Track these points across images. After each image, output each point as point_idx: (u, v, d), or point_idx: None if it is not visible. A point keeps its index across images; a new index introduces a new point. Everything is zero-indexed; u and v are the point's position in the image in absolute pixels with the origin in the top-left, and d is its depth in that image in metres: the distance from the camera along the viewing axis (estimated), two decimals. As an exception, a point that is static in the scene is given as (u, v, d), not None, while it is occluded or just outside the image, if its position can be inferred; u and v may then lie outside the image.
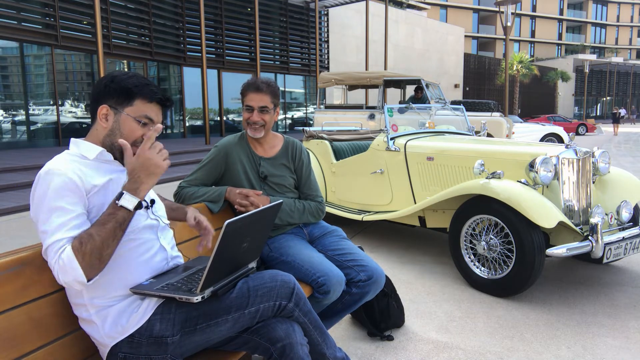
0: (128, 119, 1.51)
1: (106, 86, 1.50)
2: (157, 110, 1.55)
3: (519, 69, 32.77)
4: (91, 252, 1.28)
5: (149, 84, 1.53)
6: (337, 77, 9.66)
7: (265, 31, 17.63)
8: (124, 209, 1.35)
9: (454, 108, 5.05)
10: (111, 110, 1.50)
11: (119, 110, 1.50)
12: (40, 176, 1.37)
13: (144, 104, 1.52)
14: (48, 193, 1.34)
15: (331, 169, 4.70)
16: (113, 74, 1.53)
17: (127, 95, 1.50)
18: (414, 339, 2.55)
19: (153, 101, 1.53)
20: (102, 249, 1.30)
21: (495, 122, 10.05)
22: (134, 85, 1.50)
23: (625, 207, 3.27)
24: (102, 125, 1.51)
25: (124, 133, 1.51)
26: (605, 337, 2.56)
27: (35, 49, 11.51)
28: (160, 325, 1.44)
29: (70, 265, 1.27)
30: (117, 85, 1.50)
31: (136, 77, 1.53)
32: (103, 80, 1.53)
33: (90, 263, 1.29)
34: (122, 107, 1.50)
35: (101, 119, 1.51)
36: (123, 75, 1.52)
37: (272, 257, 2.18)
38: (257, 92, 2.22)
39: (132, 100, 1.50)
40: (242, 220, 1.46)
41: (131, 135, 1.51)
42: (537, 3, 53.43)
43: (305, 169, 2.41)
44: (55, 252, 1.29)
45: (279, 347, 1.52)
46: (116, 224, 1.34)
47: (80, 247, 1.28)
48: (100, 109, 1.50)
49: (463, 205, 3.28)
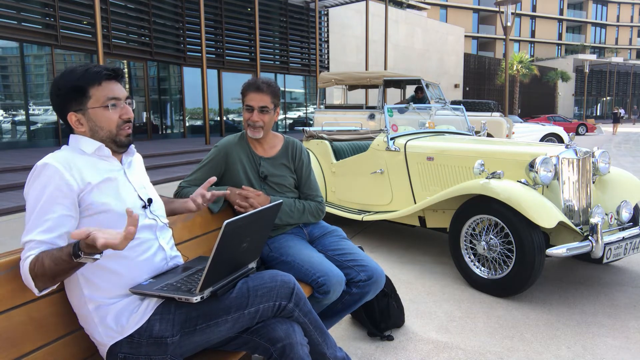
0: (96, 111, 1.49)
1: (58, 96, 1.47)
2: (112, 86, 1.51)
3: (519, 69, 32.77)
4: (42, 275, 1.28)
5: (88, 68, 1.48)
6: (337, 77, 9.66)
7: (265, 31, 17.63)
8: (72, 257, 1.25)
9: (454, 108, 5.04)
10: (78, 113, 1.48)
11: (84, 110, 1.48)
12: (37, 168, 1.39)
13: (98, 89, 1.48)
14: (37, 187, 1.36)
15: (331, 169, 4.70)
16: (55, 83, 1.48)
17: (79, 92, 1.47)
18: (414, 339, 2.55)
19: (102, 81, 1.48)
20: (54, 276, 1.29)
21: (495, 122, 10.05)
22: (76, 79, 1.46)
23: (625, 207, 3.27)
24: (79, 131, 1.50)
25: (103, 125, 1.50)
26: (605, 337, 2.56)
27: (35, 49, 11.51)
28: (159, 325, 1.44)
29: (25, 276, 1.30)
30: (64, 89, 1.46)
31: (73, 71, 1.48)
32: (52, 92, 1.49)
33: (43, 280, 1.30)
34: (85, 105, 1.48)
35: (76, 127, 1.50)
36: (64, 78, 1.47)
37: (272, 257, 2.18)
38: (258, 92, 2.22)
39: (86, 93, 1.47)
40: (242, 220, 1.46)
41: (110, 124, 1.50)
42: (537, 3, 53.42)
43: (305, 169, 2.41)
44: (23, 254, 1.32)
45: (279, 347, 1.52)
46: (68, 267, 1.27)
47: (33, 268, 1.29)
48: (69, 118, 1.48)
49: (463, 205, 3.28)
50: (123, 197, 1.48)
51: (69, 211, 1.37)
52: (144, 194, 1.58)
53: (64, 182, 1.37)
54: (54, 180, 1.36)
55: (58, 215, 1.35)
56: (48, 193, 1.35)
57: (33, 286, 1.30)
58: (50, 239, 1.33)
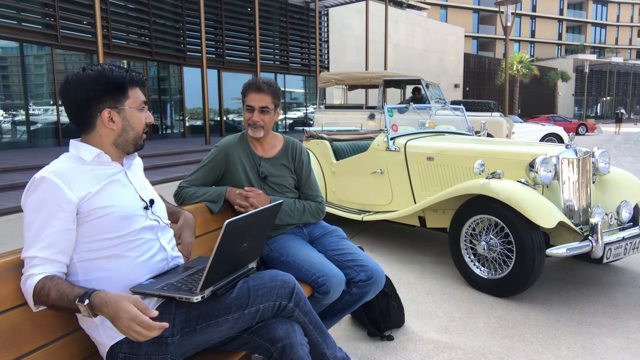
0: (132, 112, 1.52)
1: (95, 90, 1.45)
2: (141, 92, 1.56)
3: (519, 69, 32.77)
4: (43, 302, 1.33)
5: (128, 71, 1.52)
6: (337, 77, 9.66)
7: (265, 31, 17.63)
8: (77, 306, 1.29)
9: (454, 108, 5.04)
10: (114, 110, 1.49)
11: (120, 108, 1.50)
12: (34, 180, 1.38)
13: (135, 91, 1.53)
14: (35, 201, 1.36)
15: (331, 169, 4.70)
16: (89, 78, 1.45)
17: (121, 90, 1.49)
18: (414, 339, 2.55)
19: (139, 85, 1.54)
20: (52, 307, 1.34)
21: (495, 122, 10.05)
22: (122, 77, 1.48)
23: (625, 207, 3.26)
24: (110, 129, 1.50)
25: (134, 126, 1.53)
26: (605, 337, 2.56)
27: (35, 49, 11.51)
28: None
29: (27, 294, 1.33)
30: (105, 85, 1.46)
31: (115, 69, 1.49)
32: (83, 84, 1.44)
33: (41, 304, 1.34)
34: (122, 103, 1.50)
35: (107, 124, 1.49)
36: (104, 72, 1.46)
37: (272, 257, 2.18)
38: (258, 92, 2.22)
39: (126, 93, 1.50)
40: (242, 220, 1.46)
41: (140, 126, 1.55)
42: (537, 3, 53.42)
43: (305, 169, 2.41)
44: (26, 270, 1.34)
45: (279, 347, 1.52)
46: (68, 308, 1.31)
47: (38, 292, 1.32)
48: (102, 114, 1.47)
49: (463, 205, 3.28)
50: (124, 199, 1.48)
51: (68, 225, 1.38)
52: (146, 195, 1.58)
53: (63, 197, 1.37)
54: (53, 196, 1.36)
55: (57, 230, 1.36)
56: (47, 208, 1.36)
57: (32, 304, 1.34)
58: (52, 254, 1.36)
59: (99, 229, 1.42)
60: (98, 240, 1.42)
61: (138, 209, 1.52)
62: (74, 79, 1.46)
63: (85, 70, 1.47)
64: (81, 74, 1.46)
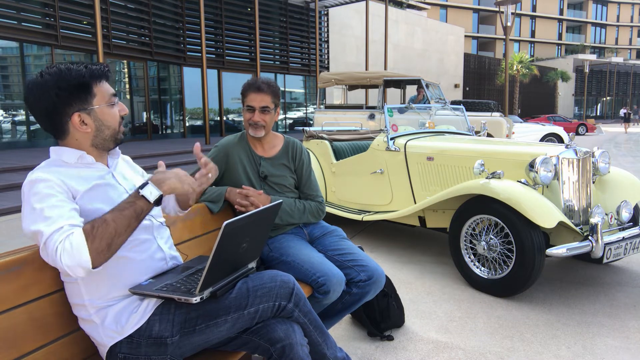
0: (103, 109, 1.45)
1: (58, 96, 1.37)
2: (107, 84, 1.48)
3: (519, 69, 32.77)
4: (101, 237, 1.25)
5: (87, 66, 1.42)
6: (337, 77, 9.66)
7: (265, 31, 17.63)
8: (144, 199, 1.33)
9: (454, 108, 5.04)
10: (83, 113, 1.43)
11: (89, 109, 1.43)
12: (24, 188, 1.34)
13: (101, 86, 1.45)
14: (37, 198, 1.31)
15: (331, 169, 4.70)
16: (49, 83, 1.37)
17: (85, 89, 1.41)
18: (414, 339, 2.55)
19: (103, 78, 1.46)
20: (114, 236, 1.27)
21: (495, 122, 10.05)
22: (81, 76, 1.40)
23: (625, 207, 3.26)
24: (84, 132, 1.44)
25: (108, 124, 1.47)
26: (605, 337, 2.56)
27: (35, 49, 11.51)
28: (159, 325, 1.44)
29: (77, 248, 1.22)
30: (67, 88, 1.38)
31: (72, 67, 1.40)
32: (45, 92, 1.37)
33: (99, 249, 1.25)
34: (90, 103, 1.43)
35: (79, 127, 1.43)
36: (63, 75, 1.38)
37: (272, 257, 2.18)
38: (258, 92, 2.22)
39: (92, 91, 1.43)
40: (241, 220, 1.46)
41: (114, 121, 1.49)
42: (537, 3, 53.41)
43: (305, 169, 2.41)
44: (61, 235, 1.23)
45: (279, 347, 1.52)
46: (133, 212, 1.32)
47: (91, 231, 1.25)
48: (72, 119, 1.41)
49: (463, 205, 3.28)
50: (114, 200, 1.45)
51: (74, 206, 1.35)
52: None
53: (61, 186, 1.35)
54: (52, 187, 1.33)
55: (70, 209, 1.32)
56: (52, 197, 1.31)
57: (87, 258, 1.22)
58: (78, 221, 1.30)
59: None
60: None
61: None
62: (34, 86, 1.38)
63: (43, 75, 1.38)
64: (39, 80, 1.38)
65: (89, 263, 1.23)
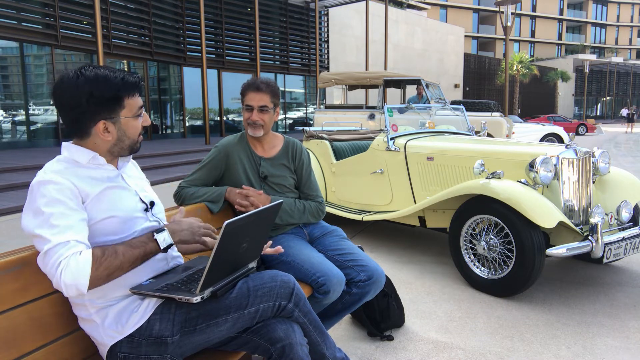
0: (128, 121, 1.48)
1: (89, 102, 1.39)
2: (138, 97, 1.49)
3: (519, 69, 32.77)
4: (107, 267, 1.31)
5: (124, 77, 1.44)
6: (337, 77, 9.66)
7: (265, 31, 17.63)
8: (156, 243, 1.42)
9: (454, 108, 5.04)
10: (109, 122, 1.44)
11: (115, 119, 1.45)
12: (34, 186, 1.34)
13: (131, 99, 1.47)
14: (46, 201, 1.30)
15: (331, 169, 4.70)
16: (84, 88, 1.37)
17: (116, 101, 1.43)
18: (414, 339, 2.55)
19: (135, 91, 1.48)
20: (117, 269, 1.34)
21: (495, 122, 10.05)
22: (117, 88, 1.41)
23: (625, 207, 3.26)
24: (105, 139, 1.46)
25: (130, 134, 1.50)
26: (605, 337, 2.56)
27: (35, 49, 11.51)
28: (160, 325, 1.44)
29: (80, 271, 1.25)
30: (100, 98, 1.39)
31: (109, 75, 1.41)
32: (77, 94, 1.38)
33: (99, 276, 1.30)
34: (118, 114, 1.44)
35: (102, 134, 1.44)
36: (99, 83, 1.39)
37: (272, 257, 2.18)
38: (257, 91, 2.22)
39: (122, 103, 1.44)
40: (242, 220, 1.46)
41: (136, 133, 1.51)
42: (537, 3, 53.41)
43: (305, 169, 2.41)
44: (67, 251, 1.25)
45: (279, 347, 1.52)
46: (143, 252, 1.40)
47: (100, 257, 1.30)
48: (98, 125, 1.43)
49: (463, 205, 3.28)
50: (124, 202, 1.47)
51: (82, 215, 1.36)
52: (145, 197, 1.58)
53: (71, 191, 1.35)
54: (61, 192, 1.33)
55: (78, 220, 1.33)
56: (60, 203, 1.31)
57: (86, 281, 1.26)
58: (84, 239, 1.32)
59: (100, 231, 1.41)
60: (99, 241, 1.42)
61: (138, 211, 1.51)
62: (68, 86, 1.39)
63: (79, 77, 1.39)
64: (75, 80, 1.39)
65: (86, 287, 1.28)
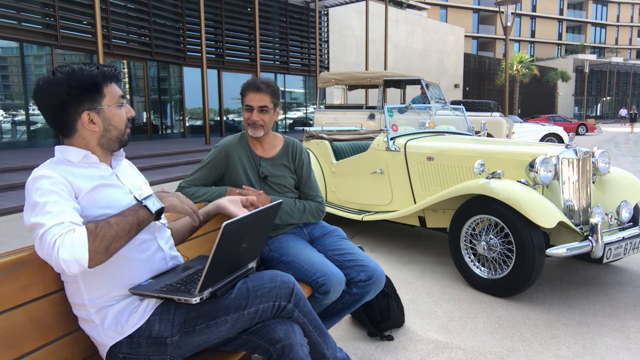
0: (112, 110, 1.49)
1: (69, 94, 1.41)
2: (116, 86, 1.52)
3: (519, 69, 32.77)
4: (103, 238, 1.28)
5: (99, 67, 1.47)
6: (337, 77, 9.66)
7: (265, 31, 17.63)
8: (147, 209, 1.41)
9: (454, 108, 5.04)
10: (92, 112, 1.46)
11: (99, 108, 1.47)
12: (28, 183, 1.36)
13: (111, 88, 1.49)
14: (40, 192, 1.32)
15: (331, 169, 4.70)
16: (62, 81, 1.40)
17: (96, 89, 1.45)
18: (414, 339, 2.55)
19: (113, 80, 1.50)
20: (114, 239, 1.31)
21: (495, 122, 10.05)
22: (93, 76, 1.44)
23: (625, 207, 3.26)
24: (92, 130, 1.47)
25: (115, 124, 1.51)
26: (605, 337, 2.56)
27: (35, 49, 11.51)
28: (159, 325, 1.44)
29: (77, 245, 1.23)
30: (79, 87, 1.42)
31: (85, 68, 1.44)
32: (56, 89, 1.41)
33: (98, 249, 1.26)
34: (100, 103, 1.47)
35: (88, 126, 1.46)
36: (75, 74, 1.42)
37: (272, 257, 2.18)
38: (257, 91, 2.22)
39: (102, 91, 1.46)
40: (241, 220, 1.46)
41: (122, 122, 1.52)
42: (537, 3, 53.41)
43: (305, 169, 2.41)
44: (61, 229, 1.25)
45: (279, 347, 1.52)
46: (136, 219, 1.38)
47: (94, 230, 1.27)
48: (82, 117, 1.45)
49: (463, 205, 3.28)
50: (118, 201, 1.47)
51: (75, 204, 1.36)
52: (140, 196, 1.57)
53: (64, 184, 1.37)
54: (54, 185, 1.34)
55: (71, 208, 1.33)
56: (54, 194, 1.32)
57: (85, 256, 1.23)
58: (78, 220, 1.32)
59: None
60: None
61: None
62: (46, 84, 1.42)
63: (56, 73, 1.42)
64: (52, 78, 1.42)
65: (86, 261, 1.24)
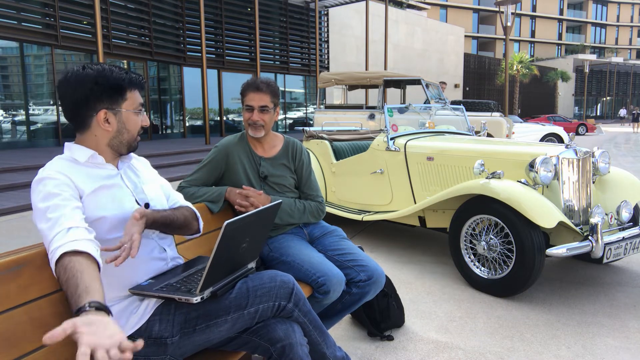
0: (129, 114, 1.51)
1: (92, 89, 1.44)
2: (140, 95, 1.55)
3: (519, 69, 32.77)
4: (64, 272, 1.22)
5: (128, 72, 1.51)
6: (337, 77, 9.66)
7: (265, 31, 17.63)
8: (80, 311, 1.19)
9: (454, 108, 5.04)
10: (110, 112, 1.48)
11: (117, 110, 1.49)
12: (32, 185, 1.38)
13: (133, 94, 1.52)
14: (41, 196, 1.34)
15: (331, 169, 4.70)
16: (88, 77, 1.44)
17: (119, 92, 1.48)
18: (414, 339, 2.55)
19: (138, 87, 1.53)
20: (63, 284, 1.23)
21: (495, 122, 10.05)
22: (121, 79, 1.47)
23: (625, 207, 3.26)
24: (105, 130, 1.49)
25: (130, 129, 1.53)
26: (605, 337, 2.56)
27: (35, 49, 11.51)
28: (159, 325, 1.44)
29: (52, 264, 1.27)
30: (104, 85, 1.44)
31: (115, 69, 1.48)
32: (82, 84, 1.43)
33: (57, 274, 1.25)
34: (119, 105, 1.49)
35: (102, 124, 1.48)
36: (104, 73, 1.45)
37: (272, 257, 2.18)
38: (257, 91, 2.22)
39: (124, 95, 1.49)
40: (242, 220, 1.46)
41: (136, 128, 1.54)
42: (537, 3, 53.41)
43: (305, 169, 2.41)
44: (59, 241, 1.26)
45: (279, 347, 1.52)
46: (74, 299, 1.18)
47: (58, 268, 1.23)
48: (99, 114, 1.47)
49: (463, 205, 3.28)
50: (119, 203, 1.48)
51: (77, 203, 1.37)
52: (142, 199, 1.57)
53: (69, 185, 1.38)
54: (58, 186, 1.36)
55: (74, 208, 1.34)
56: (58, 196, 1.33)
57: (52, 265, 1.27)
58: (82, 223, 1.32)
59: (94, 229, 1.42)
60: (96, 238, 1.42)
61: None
62: (74, 76, 1.45)
63: (86, 68, 1.46)
64: (81, 72, 1.45)
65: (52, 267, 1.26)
